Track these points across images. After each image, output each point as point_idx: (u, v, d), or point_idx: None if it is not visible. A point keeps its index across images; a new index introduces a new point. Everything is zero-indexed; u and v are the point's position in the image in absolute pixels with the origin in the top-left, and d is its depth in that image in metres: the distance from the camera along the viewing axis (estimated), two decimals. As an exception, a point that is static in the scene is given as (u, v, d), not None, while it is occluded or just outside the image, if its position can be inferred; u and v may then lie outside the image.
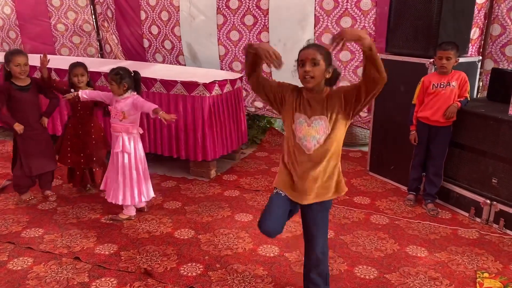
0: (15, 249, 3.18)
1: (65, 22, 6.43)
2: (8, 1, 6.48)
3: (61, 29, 6.47)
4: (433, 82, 3.59)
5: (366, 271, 2.93)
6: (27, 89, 3.64)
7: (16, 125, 3.59)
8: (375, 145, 4.50)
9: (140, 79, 3.52)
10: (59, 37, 6.52)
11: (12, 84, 3.57)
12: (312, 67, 2.15)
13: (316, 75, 2.16)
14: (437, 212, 3.74)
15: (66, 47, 6.54)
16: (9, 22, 6.61)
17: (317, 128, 2.23)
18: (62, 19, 6.42)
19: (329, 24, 4.96)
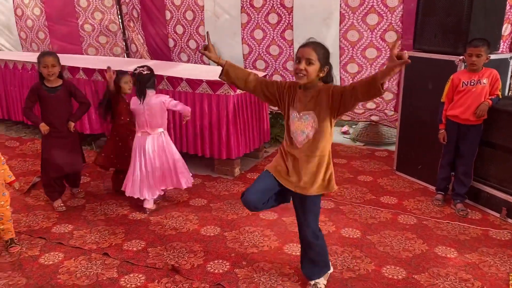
0: (46, 244, 3.26)
1: (91, 23, 6.55)
2: (38, 2, 6.64)
3: (88, 29, 6.58)
4: (463, 79, 3.51)
5: (394, 271, 2.89)
6: (55, 90, 3.64)
7: (41, 125, 3.62)
8: (403, 144, 4.43)
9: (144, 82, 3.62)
10: (86, 37, 6.64)
11: (42, 85, 3.62)
12: (306, 66, 2.24)
13: (309, 73, 2.25)
14: (467, 212, 3.66)
15: (93, 47, 6.66)
16: (39, 23, 6.76)
17: (305, 123, 2.36)
18: (89, 20, 6.53)
19: (355, 21, 4.91)
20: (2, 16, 7.05)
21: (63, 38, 6.76)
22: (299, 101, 2.37)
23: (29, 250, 3.17)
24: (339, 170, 4.62)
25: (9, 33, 7.16)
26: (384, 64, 4.98)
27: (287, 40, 5.26)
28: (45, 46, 6.89)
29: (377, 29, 4.89)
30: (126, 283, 2.79)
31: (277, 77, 5.51)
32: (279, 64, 5.41)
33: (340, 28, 4.99)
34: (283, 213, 3.66)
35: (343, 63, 5.13)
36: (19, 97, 5.83)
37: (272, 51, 5.38)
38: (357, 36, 4.96)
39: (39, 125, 3.63)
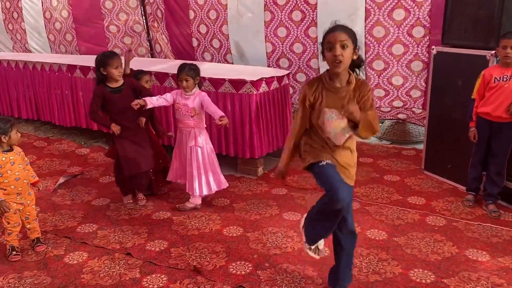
0: (71, 243, 3.30)
1: (117, 24, 6.63)
2: (65, 5, 6.77)
3: (113, 30, 6.67)
4: (495, 75, 3.36)
5: (422, 274, 2.79)
6: (120, 90, 3.58)
7: (113, 126, 3.57)
8: (431, 142, 4.29)
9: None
10: (112, 38, 6.72)
11: (106, 87, 3.55)
12: (342, 50, 2.09)
13: (345, 58, 2.11)
14: (499, 213, 3.50)
15: (118, 48, 6.74)
16: (66, 25, 6.90)
17: (331, 120, 2.24)
18: (114, 21, 6.61)
19: (381, 17, 4.79)
20: (31, 19, 7.21)
21: (89, 40, 6.87)
22: (338, 99, 2.21)
23: (54, 250, 3.21)
24: (365, 169, 4.51)
25: (38, 36, 7.32)
26: (411, 60, 4.85)
27: (311, 38, 5.18)
28: (73, 48, 7.02)
29: (404, 24, 4.75)
30: (148, 283, 2.78)
31: (301, 75, 5.43)
32: (303, 62, 5.34)
33: (366, 24, 4.87)
34: (303, 213, 3.58)
35: (368, 60, 5.01)
36: (47, 97, 5.96)
37: (296, 49, 5.31)
38: (383, 32, 4.84)
39: (110, 125, 3.58)
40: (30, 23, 7.25)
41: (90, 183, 4.41)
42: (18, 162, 3.03)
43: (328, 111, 2.22)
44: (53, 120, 6.02)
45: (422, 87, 4.91)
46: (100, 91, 3.56)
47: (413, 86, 4.96)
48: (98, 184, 4.38)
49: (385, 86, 5.04)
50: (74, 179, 4.52)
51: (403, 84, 4.97)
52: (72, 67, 5.54)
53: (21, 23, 7.30)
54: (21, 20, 7.26)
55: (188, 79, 3.52)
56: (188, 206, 3.74)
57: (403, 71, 4.92)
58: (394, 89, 5.04)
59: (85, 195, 4.14)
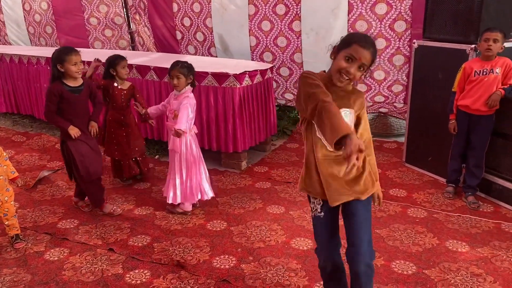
0: (51, 239, 3.24)
1: (97, 16, 6.51)
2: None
3: (94, 22, 6.56)
4: (475, 68, 3.41)
5: (404, 266, 2.83)
6: (79, 90, 3.32)
7: (71, 129, 3.28)
8: (412, 135, 4.34)
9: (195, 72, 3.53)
10: (92, 30, 6.61)
11: (64, 85, 3.26)
12: (357, 70, 1.90)
13: (355, 78, 1.92)
14: (479, 205, 3.57)
15: (99, 41, 6.63)
16: (46, 17, 6.75)
17: (347, 119, 1.97)
18: (94, 13, 6.50)
19: (363, 11, 4.81)
20: (10, 11, 7.05)
21: (69, 32, 6.74)
22: (337, 97, 1.94)
23: (34, 246, 3.15)
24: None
25: (18, 28, 7.16)
26: (393, 54, 4.88)
27: (295, 32, 5.17)
28: (53, 40, 6.88)
29: (386, 18, 4.78)
30: (131, 279, 2.76)
31: (284, 69, 5.43)
32: (286, 56, 5.33)
33: (349, 19, 4.89)
34: (290, 207, 3.61)
35: None
36: (26, 90, 5.83)
37: (280, 42, 5.30)
38: (366, 26, 4.86)
39: (68, 128, 3.28)
40: (9, 15, 7.08)
41: (71, 178, 4.34)
42: (-7, 158, 2.97)
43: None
44: (33, 113, 5.90)
45: (403, 81, 4.95)
46: (58, 89, 3.23)
47: (394, 81, 5.00)
48: (79, 179, 4.31)
49: (367, 81, 5.07)
50: (54, 174, 4.45)
51: (385, 78, 5.01)
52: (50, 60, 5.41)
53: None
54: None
55: (180, 77, 3.36)
56: (177, 211, 3.58)
57: (385, 65, 4.96)
58: (376, 84, 5.07)
59: (65, 190, 4.07)
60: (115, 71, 3.84)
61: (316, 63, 5.13)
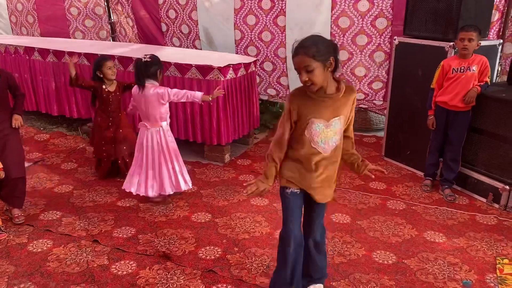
0: (34, 231, 3.21)
1: (77, 6, 6.41)
2: None
3: (74, 12, 6.45)
4: (453, 66, 3.52)
5: (384, 256, 2.92)
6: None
7: None
8: (391, 130, 4.45)
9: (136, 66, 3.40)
10: (72, 20, 6.51)
11: None
12: (308, 75, 1.98)
13: (315, 80, 1.99)
14: (455, 197, 3.71)
15: (80, 31, 6.54)
16: (28, 6, 6.61)
17: (335, 129, 2.14)
18: (74, 3, 6.39)
19: (346, 7, 4.88)
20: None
21: (50, 22, 6.62)
22: (325, 108, 2.09)
23: (16, 238, 3.12)
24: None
25: (0, 17, 6.98)
26: (374, 51, 4.98)
27: (280, 27, 5.21)
28: (34, 30, 6.74)
29: (368, 15, 4.86)
30: (117, 270, 2.77)
31: (267, 64, 5.46)
32: (270, 50, 5.37)
33: (332, 15, 4.96)
34: (274, 199, 3.66)
35: None
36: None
37: (264, 37, 5.33)
38: (348, 23, 4.94)
39: None
40: None
41: (52, 169, 4.30)
42: (-24, 148, 2.90)
43: (316, 121, 2.10)
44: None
45: (383, 78, 5.05)
46: None
47: (375, 78, 5.10)
48: (60, 171, 4.27)
49: (348, 77, 5.16)
50: (34, 165, 4.39)
51: (366, 75, 5.10)
52: (30, 49, 5.32)
53: None
54: None
55: None
56: (155, 200, 3.63)
57: (366, 61, 5.04)
58: (357, 81, 5.16)
59: (46, 182, 4.03)
60: (101, 73, 3.77)
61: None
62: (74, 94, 5.14)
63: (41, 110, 5.52)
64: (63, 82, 5.15)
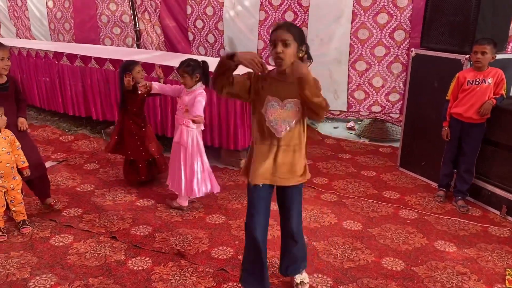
0: (57, 226, 3.37)
1: (107, 14, 6.70)
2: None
3: (104, 20, 6.76)
4: (468, 78, 3.56)
5: (393, 263, 2.97)
6: (5, 87, 3.24)
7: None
8: (407, 140, 4.49)
9: (208, 69, 3.52)
10: (103, 28, 6.82)
11: None
12: (283, 48, 2.11)
13: (287, 56, 2.12)
14: (468, 209, 3.72)
15: (108, 38, 6.84)
16: (66, 15, 6.95)
17: (289, 112, 2.23)
18: (105, 11, 6.70)
19: (366, 20, 4.99)
20: (34, 8, 7.28)
21: (84, 29, 6.97)
22: (282, 88, 2.21)
23: (40, 232, 3.28)
24: (343, 164, 4.70)
25: (41, 24, 7.38)
26: (392, 62, 5.04)
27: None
28: (70, 36, 7.10)
29: (387, 27, 4.95)
30: (133, 265, 2.89)
31: (287, 74, 5.57)
32: None
33: (352, 27, 5.07)
34: (287, 204, 3.74)
35: (352, 61, 5.20)
36: (34, 83, 6.01)
37: None
38: (367, 35, 5.03)
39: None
40: (34, 12, 7.29)
41: (75, 169, 4.48)
42: (1, 145, 3.07)
43: (271, 98, 2.22)
44: (41, 105, 6.04)
45: (400, 90, 5.10)
46: None
47: (392, 89, 5.15)
48: (82, 171, 4.45)
49: (366, 88, 5.23)
50: (58, 165, 4.58)
51: (383, 85, 5.16)
52: (58, 54, 5.57)
53: (24, 11, 7.39)
54: (25, 8, 7.35)
55: (185, 76, 3.47)
56: (173, 205, 3.68)
57: (384, 72, 5.11)
58: (374, 92, 5.22)
59: (69, 181, 4.20)
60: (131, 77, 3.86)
61: (317, 67, 5.28)
62: (99, 97, 5.35)
63: (68, 112, 5.75)
64: (89, 85, 5.38)
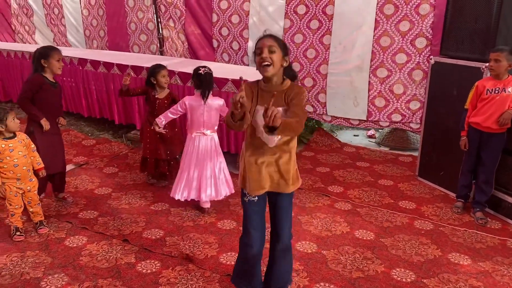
0: (72, 228, 3.46)
1: (135, 21, 6.90)
2: (101, 4, 7.13)
3: (133, 27, 6.97)
4: (488, 87, 3.47)
5: (403, 274, 2.91)
6: (56, 85, 3.64)
7: (44, 121, 3.50)
8: (425, 149, 4.40)
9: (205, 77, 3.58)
10: (131, 35, 7.02)
11: (44, 78, 3.53)
12: (268, 54, 2.12)
13: (274, 62, 2.13)
14: (486, 221, 3.61)
15: (136, 45, 7.04)
16: (101, 22, 7.19)
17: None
18: (133, 19, 6.91)
19: (388, 27, 4.96)
20: (71, 17, 7.57)
21: (116, 36, 7.20)
22: (269, 96, 2.05)
23: (56, 233, 3.37)
24: (360, 173, 4.64)
25: (76, 31, 7.66)
26: (413, 69, 4.97)
27: (324, 44, 5.37)
28: (104, 43, 7.35)
29: (408, 35, 4.91)
30: (142, 268, 2.93)
31: (308, 80, 5.58)
32: (313, 67, 5.52)
33: (374, 34, 5.06)
34: (299, 212, 3.72)
35: (373, 68, 5.16)
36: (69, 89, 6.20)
37: (309, 54, 5.51)
38: (389, 41, 5.00)
39: (41, 119, 3.49)
40: (69, 19, 7.59)
41: (94, 172, 4.59)
42: (18, 149, 3.17)
43: (260, 109, 2.18)
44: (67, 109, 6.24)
45: (421, 97, 5.01)
46: (39, 80, 3.51)
47: (412, 97, 5.07)
48: (101, 174, 4.55)
49: (386, 95, 5.16)
50: (79, 168, 4.70)
51: (404, 92, 5.09)
52: (83, 60, 5.73)
53: (61, 19, 7.68)
54: (61, 16, 7.63)
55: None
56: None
57: (405, 79, 5.04)
58: (394, 99, 5.15)
59: (88, 183, 4.31)
60: (155, 79, 4.00)
61: (339, 74, 5.30)
62: (123, 102, 5.48)
63: (95, 115, 5.93)
64: (112, 90, 5.52)
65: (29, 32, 8.24)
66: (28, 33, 8.24)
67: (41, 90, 3.51)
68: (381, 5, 4.92)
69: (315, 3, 5.27)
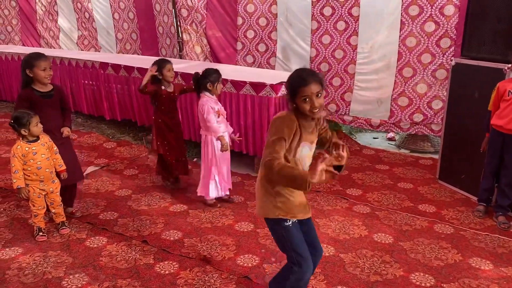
0: (93, 229, 3.53)
1: (163, 25, 7.01)
2: (131, 7, 7.23)
3: (161, 31, 7.09)
4: (509, 88, 3.39)
5: (422, 278, 2.87)
6: (50, 95, 3.41)
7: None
8: (446, 152, 4.33)
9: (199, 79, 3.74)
10: (160, 38, 7.14)
11: (34, 91, 3.34)
12: (318, 100, 2.08)
13: (322, 105, 2.11)
14: (509, 225, 3.53)
15: (164, 48, 7.16)
16: (132, 26, 7.34)
17: (314, 151, 2.28)
18: (161, 23, 7.02)
19: (414, 28, 4.95)
20: (102, 20, 7.73)
21: (147, 40, 7.33)
22: (309, 133, 2.20)
23: (77, 233, 3.44)
24: (379, 176, 4.59)
25: (108, 34, 7.83)
26: (436, 69, 4.92)
27: (352, 45, 5.38)
28: (136, 47, 7.48)
29: (434, 35, 4.90)
30: (160, 269, 2.97)
31: (336, 79, 5.59)
32: (341, 66, 5.54)
33: (400, 35, 5.05)
34: (317, 215, 3.71)
35: (399, 68, 5.17)
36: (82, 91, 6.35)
37: (337, 54, 5.53)
38: (415, 42, 5.00)
39: None
40: (100, 23, 7.76)
41: (115, 174, 4.67)
42: (41, 152, 3.24)
43: (304, 144, 2.19)
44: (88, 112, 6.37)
45: (444, 97, 4.94)
46: (27, 94, 3.32)
47: (435, 96, 5.02)
48: (122, 176, 4.62)
49: (409, 94, 5.13)
50: (100, 170, 4.79)
51: (426, 92, 5.05)
52: (104, 64, 5.85)
53: (92, 23, 7.85)
54: (92, 20, 7.80)
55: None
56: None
57: (428, 79, 5.03)
58: (418, 98, 5.11)
59: (109, 185, 4.38)
60: (161, 74, 4.02)
61: (366, 73, 5.30)
62: (144, 104, 5.56)
63: (117, 118, 6.07)
64: (133, 93, 5.61)
65: (53, 37, 8.43)
66: (53, 38, 8.43)
67: (32, 103, 3.32)
68: (405, 6, 4.93)
69: (340, 4, 5.31)
